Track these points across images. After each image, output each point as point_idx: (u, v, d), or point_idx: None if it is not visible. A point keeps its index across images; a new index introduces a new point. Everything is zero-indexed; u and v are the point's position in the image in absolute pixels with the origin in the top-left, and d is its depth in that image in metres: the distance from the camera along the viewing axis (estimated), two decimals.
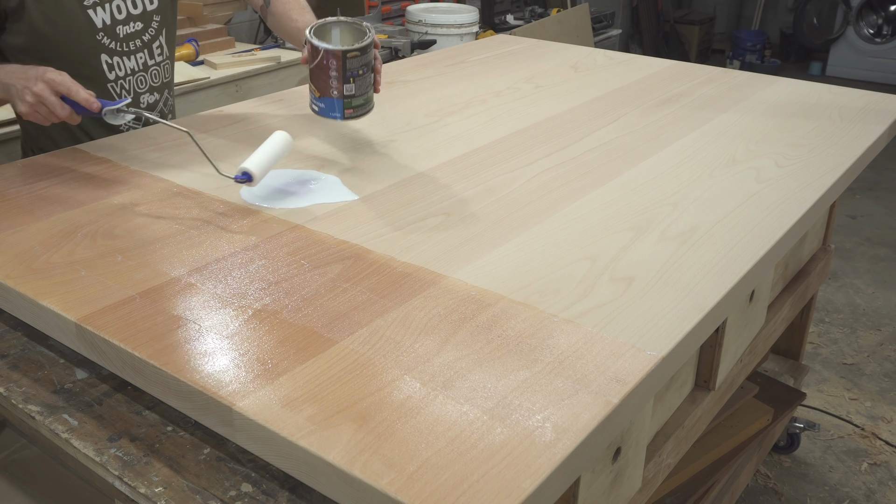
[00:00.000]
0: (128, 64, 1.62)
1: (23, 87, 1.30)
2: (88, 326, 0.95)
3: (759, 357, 1.55)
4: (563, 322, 0.97)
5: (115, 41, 1.58)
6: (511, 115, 1.71)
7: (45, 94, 1.29)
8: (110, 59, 1.58)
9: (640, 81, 1.98)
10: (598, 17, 4.69)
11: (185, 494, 0.83)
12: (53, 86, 1.30)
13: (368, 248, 1.14)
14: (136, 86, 1.65)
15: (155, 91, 1.69)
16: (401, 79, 1.98)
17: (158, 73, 1.69)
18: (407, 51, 3.14)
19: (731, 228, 1.20)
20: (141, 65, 1.64)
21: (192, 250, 1.13)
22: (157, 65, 1.68)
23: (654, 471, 1.17)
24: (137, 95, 1.66)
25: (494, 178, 1.39)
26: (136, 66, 1.63)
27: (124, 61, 1.61)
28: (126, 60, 1.61)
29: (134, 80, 1.64)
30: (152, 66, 1.67)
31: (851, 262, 3.48)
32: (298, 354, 0.90)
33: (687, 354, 0.99)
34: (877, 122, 1.69)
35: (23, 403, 0.96)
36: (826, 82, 2.02)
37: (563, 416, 0.81)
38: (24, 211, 1.25)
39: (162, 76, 1.71)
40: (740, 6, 7.08)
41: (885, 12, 6.13)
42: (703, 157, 1.48)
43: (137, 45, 1.62)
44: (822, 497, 2.17)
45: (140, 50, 1.63)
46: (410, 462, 0.75)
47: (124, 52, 1.60)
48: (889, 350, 2.84)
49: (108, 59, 1.58)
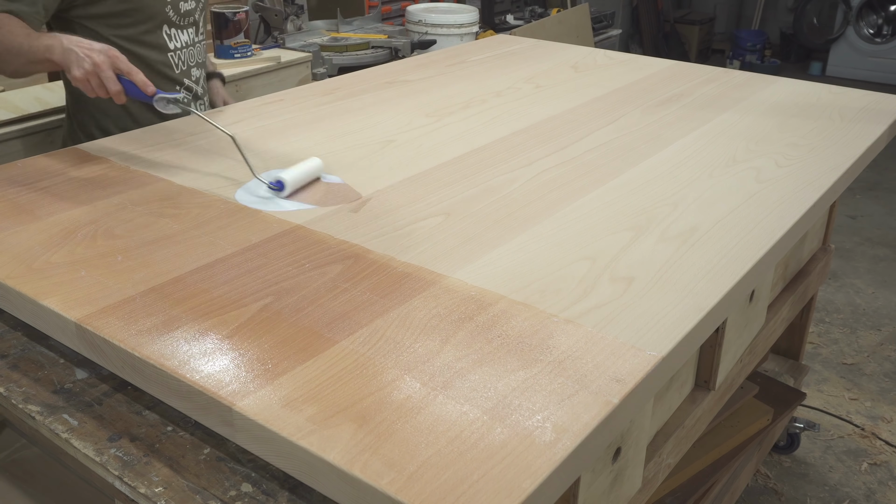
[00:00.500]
0: (182, 37, 1.77)
1: (84, 55, 1.35)
2: (88, 326, 0.95)
3: (759, 357, 1.55)
4: (563, 322, 0.97)
5: (177, 15, 1.74)
6: (511, 115, 1.71)
7: (104, 67, 1.34)
8: (169, 31, 1.74)
9: (640, 81, 1.98)
10: (598, 17, 4.69)
11: (185, 494, 0.83)
12: (115, 61, 1.36)
13: (368, 248, 1.14)
14: (188, 59, 1.81)
15: (199, 66, 1.85)
16: (401, 79, 1.98)
17: (200, 51, 1.86)
18: (407, 51, 3.14)
19: (731, 228, 1.20)
20: (191, 40, 1.80)
21: (192, 250, 1.13)
22: (199, 43, 1.84)
23: (654, 471, 1.17)
24: (189, 69, 1.81)
25: (494, 178, 1.39)
26: (189, 41, 1.79)
27: (179, 35, 1.76)
28: (180, 34, 1.76)
29: (185, 54, 1.79)
30: (197, 44, 1.83)
31: (851, 262, 3.48)
32: (298, 354, 0.90)
33: (687, 354, 0.99)
34: (877, 122, 1.69)
35: (23, 403, 0.96)
36: (826, 82, 2.02)
37: (563, 416, 0.81)
38: (24, 211, 1.25)
39: (202, 55, 1.87)
40: (740, 6, 7.08)
41: (885, 12, 6.13)
42: (703, 157, 1.48)
43: (189, 21, 1.78)
44: (822, 497, 2.17)
45: (190, 26, 1.79)
46: (410, 462, 0.75)
47: (181, 26, 1.76)
48: (889, 350, 2.84)
49: (167, 30, 1.73)
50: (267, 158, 1.46)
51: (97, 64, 1.34)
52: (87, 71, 1.35)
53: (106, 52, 1.36)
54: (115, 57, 1.36)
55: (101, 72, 1.35)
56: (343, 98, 1.83)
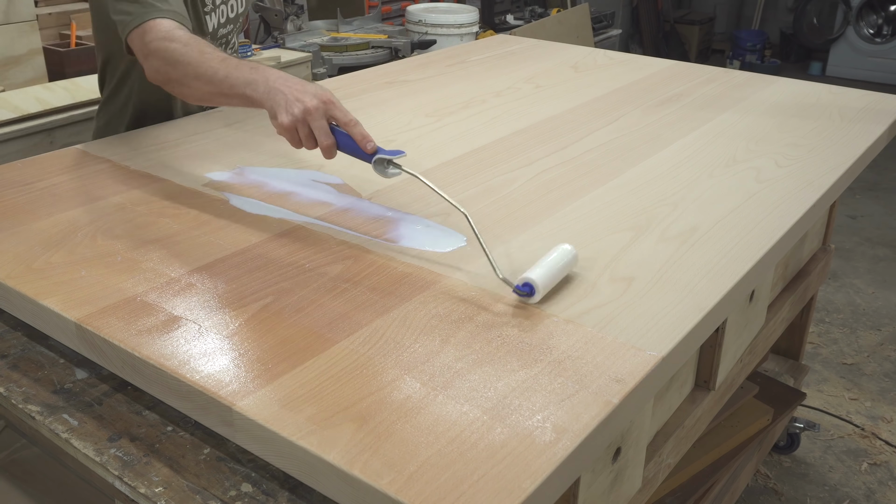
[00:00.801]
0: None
1: (294, 98, 1.14)
2: (88, 326, 0.95)
3: (759, 357, 1.55)
4: (563, 322, 0.97)
5: (215, 41, 1.67)
6: (511, 115, 1.71)
7: (317, 115, 1.14)
8: None
9: (640, 81, 1.98)
10: (598, 17, 4.69)
11: (185, 494, 0.83)
12: (329, 108, 1.15)
13: (368, 249, 1.14)
14: None
15: None
16: (401, 79, 1.98)
17: None
18: (407, 51, 3.14)
19: (731, 228, 1.20)
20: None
21: (192, 250, 1.13)
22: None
23: (654, 471, 1.17)
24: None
25: (494, 178, 1.39)
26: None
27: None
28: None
29: None
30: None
31: (851, 262, 3.47)
32: (298, 354, 0.90)
33: (687, 354, 0.99)
34: (877, 122, 1.69)
35: (23, 403, 0.96)
36: (826, 82, 2.02)
37: (563, 416, 0.81)
38: (24, 211, 1.25)
39: None
40: (740, 6, 7.08)
41: (885, 12, 6.13)
42: (703, 157, 1.48)
43: (222, 43, 1.72)
44: (822, 497, 2.17)
45: (225, 46, 1.73)
46: (410, 462, 0.74)
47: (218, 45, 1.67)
48: (889, 350, 2.84)
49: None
50: (272, 156, 1.46)
51: (309, 110, 1.14)
52: (296, 118, 1.14)
53: (319, 96, 1.15)
54: (330, 102, 1.15)
55: (314, 121, 1.14)
56: (343, 98, 1.82)
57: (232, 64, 1.24)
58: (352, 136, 1.15)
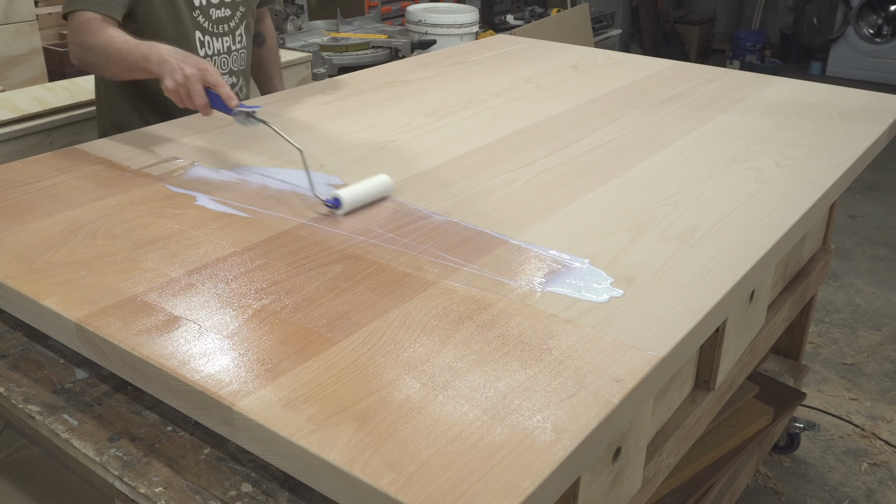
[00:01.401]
0: (216, 44, 1.82)
1: (178, 66, 1.40)
2: (88, 326, 0.95)
3: (759, 357, 1.55)
4: (563, 322, 0.97)
5: (208, 21, 1.78)
6: (511, 115, 1.71)
7: (194, 80, 1.39)
8: (202, 37, 1.79)
9: (640, 81, 1.98)
10: (598, 17, 4.69)
11: (185, 494, 0.83)
12: (204, 74, 1.40)
13: (368, 248, 1.14)
14: (220, 66, 1.84)
15: (234, 75, 1.89)
16: (401, 79, 1.98)
17: (237, 58, 1.89)
18: (407, 51, 3.14)
19: (731, 228, 1.20)
20: (226, 48, 1.85)
21: (192, 250, 1.13)
22: (237, 51, 1.89)
23: (654, 471, 1.17)
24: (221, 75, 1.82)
25: (494, 178, 1.39)
26: (222, 48, 1.84)
27: (213, 41, 1.81)
28: (214, 41, 1.81)
29: (219, 61, 1.84)
30: (234, 52, 1.87)
31: (851, 262, 3.47)
32: (298, 354, 0.90)
33: (687, 354, 0.99)
34: (877, 122, 1.69)
35: (23, 403, 0.96)
36: (826, 82, 2.02)
37: (563, 416, 0.81)
38: (24, 211, 1.25)
39: (240, 62, 1.91)
40: (740, 6, 7.08)
41: (885, 12, 6.13)
42: (703, 157, 1.48)
43: (224, 29, 1.83)
44: (822, 497, 2.17)
45: (226, 34, 1.83)
46: (410, 462, 0.74)
47: (214, 34, 1.81)
48: (889, 350, 2.84)
49: (200, 36, 1.78)
50: (269, 157, 1.46)
51: (188, 76, 1.39)
52: (178, 82, 1.39)
53: (197, 65, 1.40)
54: (206, 70, 1.40)
55: (191, 84, 1.39)
56: (343, 98, 1.83)
57: (132, 43, 1.50)
58: (220, 95, 1.40)
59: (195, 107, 1.41)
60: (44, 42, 2.65)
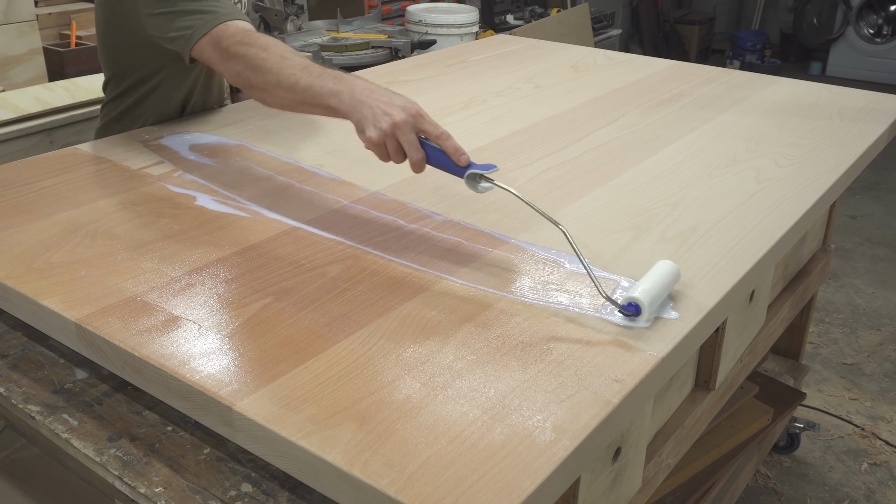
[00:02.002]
0: None
1: (382, 112, 1.10)
2: (88, 326, 0.95)
3: (759, 357, 1.55)
4: (563, 322, 0.97)
5: None
6: (511, 115, 1.71)
7: (406, 129, 1.09)
8: None
9: (640, 81, 1.98)
10: (598, 17, 4.69)
11: (185, 494, 0.83)
12: (418, 121, 1.10)
13: (368, 249, 1.14)
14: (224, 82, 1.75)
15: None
16: (401, 79, 1.98)
17: None
18: (407, 51, 3.14)
19: (731, 228, 1.20)
20: None
21: (192, 250, 1.13)
22: None
23: (654, 471, 1.17)
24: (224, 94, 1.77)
25: (494, 177, 1.38)
26: None
27: None
28: None
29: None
30: None
31: (851, 262, 3.47)
32: (298, 354, 0.90)
33: (687, 354, 0.99)
34: (877, 122, 1.69)
35: (23, 403, 0.96)
36: (826, 82, 2.02)
37: (563, 416, 0.81)
38: (24, 211, 1.25)
39: None
40: (740, 6, 7.08)
41: (885, 12, 6.13)
42: (703, 157, 1.48)
43: None
44: (822, 497, 2.17)
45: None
46: (410, 462, 0.75)
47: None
48: (889, 350, 2.84)
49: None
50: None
51: (398, 124, 1.09)
52: (384, 133, 1.09)
53: (408, 111, 1.10)
54: (419, 115, 1.10)
55: (403, 135, 1.09)
56: None
57: (315, 72, 1.20)
58: (444, 149, 1.10)
59: (405, 161, 1.12)
60: (44, 42, 2.65)
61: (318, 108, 1.19)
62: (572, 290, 1.04)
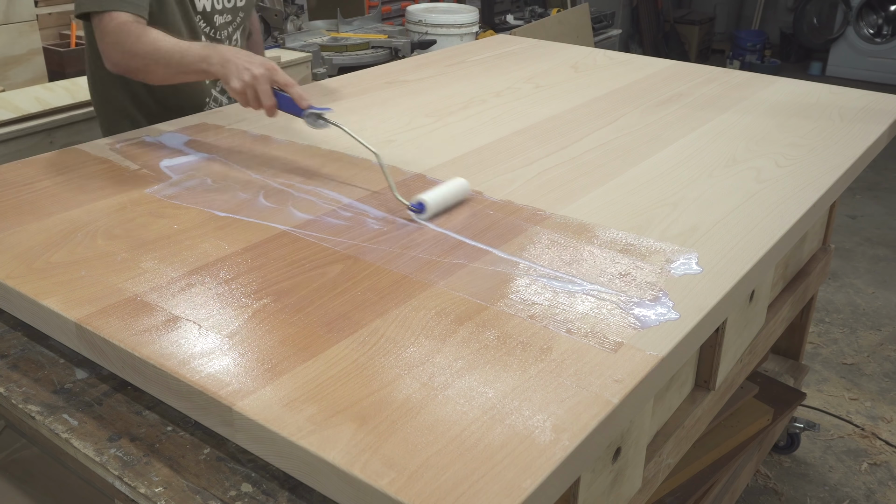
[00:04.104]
0: None
1: (244, 67, 1.34)
2: (88, 326, 0.95)
3: (759, 357, 1.55)
4: (564, 322, 0.97)
5: (210, 27, 1.74)
6: (511, 115, 1.71)
7: (262, 80, 1.33)
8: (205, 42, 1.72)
9: (640, 81, 1.98)
10: (598, 17, 4.69)
11: (185, 494, 0.83)
12: (272, 74, 1.35)
13: (368, 248, 1.14)
14: None
15: None
16: (401, 79, 1.98)
17: None
18: (407, 51, 3.14)
19: (731, 228, 1.20)
20: None
21: (192, 250, 1.13)
22: None
23: (654, 471, 1.17)
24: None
25: (494, 177, 1.39)
26: None
27: None
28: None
29: None
30: None
31: (851, 262, 3.47)
32: (298, 354, 0.90)
33: (687, 354, 0.99)
34: (877, 122, 1.69)
35: (23, 403, 0.96)
36: (826, 82, 2.02)
37: (563, 416, 0.81)
38: (24, 211, 1.25)
39: None
40: (740, 6, 7.08)
41: (885, 12, 6.13)
42: (703, 157, 1.48)
43: (224, 35, 1.79)
44: (822, 497, 2.17)
45: (226, 40, 1.80)
46: (411, 462, 0.75)
47: (217, 40, 1.76)
48: (889, 350, 2.84)
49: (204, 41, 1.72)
50: (266, 158, 1.46)
51: (256, 76, 1.33)
52: (245, 83, 1.33)
53: (265, 65, 1.35)
54: (272, 69, 1.35)
55: (259, 84, 1.33)
56: (343, 98, 1.83)
57: (184, 45, 1.42)
58: (290, 95, 1.34)
59: (262, 108, 1.36)
60: (44, 42, 2.65)
61: (193, 74, 1.43)
62: (573, 290, 1.04)
